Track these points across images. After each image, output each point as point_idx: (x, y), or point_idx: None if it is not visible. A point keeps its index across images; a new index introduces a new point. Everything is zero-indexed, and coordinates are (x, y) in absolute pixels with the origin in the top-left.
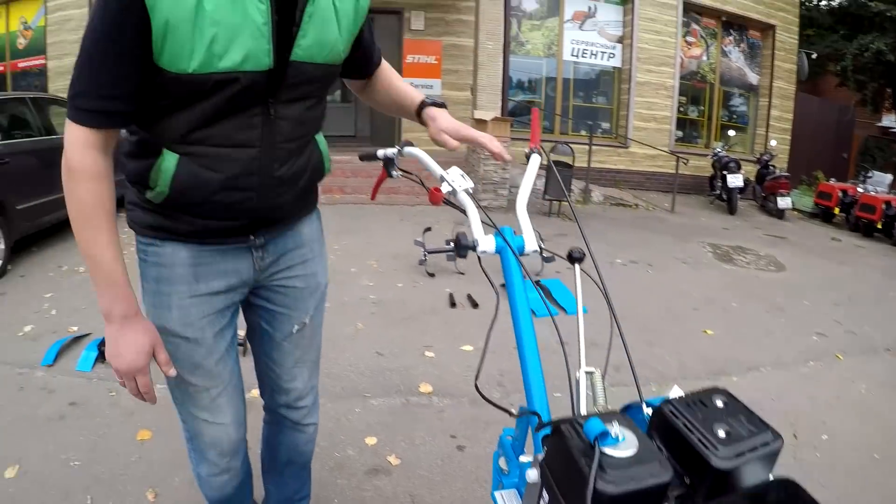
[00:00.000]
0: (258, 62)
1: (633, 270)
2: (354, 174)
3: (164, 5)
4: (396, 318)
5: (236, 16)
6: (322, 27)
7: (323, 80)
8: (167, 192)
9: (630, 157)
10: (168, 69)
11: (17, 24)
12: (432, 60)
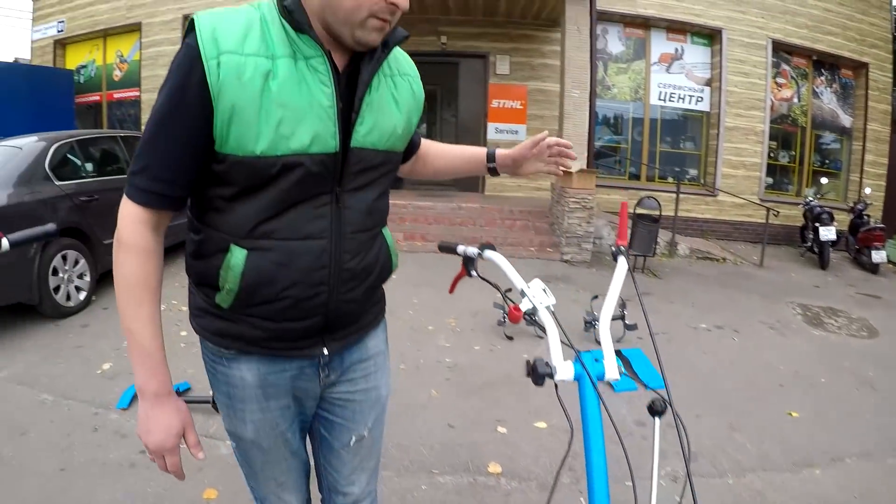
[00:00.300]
0: (325, 145)
1: (717, 338)
2: (437, 221)
3: (230, 90)
4: (471, 386)
5: (303, 98)
6: (380, 115)
7: (385, 168)
8: (237, 291)
9: (718, 206)
10: (235, 153)
11: (114, 57)
12: (517, 105)
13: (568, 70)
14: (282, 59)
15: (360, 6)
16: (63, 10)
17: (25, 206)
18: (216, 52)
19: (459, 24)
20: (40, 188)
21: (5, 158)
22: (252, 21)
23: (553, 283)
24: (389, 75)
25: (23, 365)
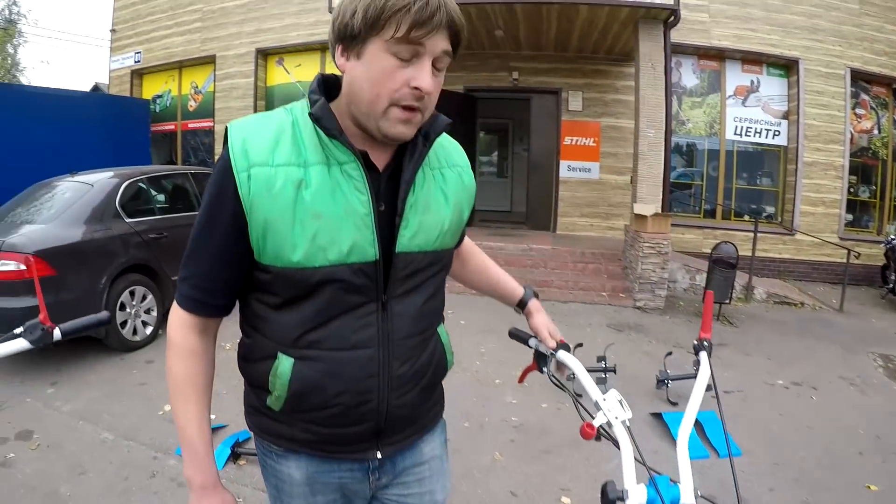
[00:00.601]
0: (364, 254)
1: (794, 396)
2: (507, 263)
3: (262, 205)
4: (536, 450)
5: (338, 206)
6: (426, 214)
7: (435, 268)
8: (285, 397)
9: (796, 246)
10: (273, 264)
11: (189, 88)
12: (590, 143)
13: (642, 108)
14: (315, 167)
15: (379, 95)
16: (140, 41)
17: (96, 242)
18: (246, 164)
19: (531, 60)
20: (111, 225)
21: (77, 195)
22: (283, 128)
23: (625, 331)
24: (437, 168)
25: (86, 400)
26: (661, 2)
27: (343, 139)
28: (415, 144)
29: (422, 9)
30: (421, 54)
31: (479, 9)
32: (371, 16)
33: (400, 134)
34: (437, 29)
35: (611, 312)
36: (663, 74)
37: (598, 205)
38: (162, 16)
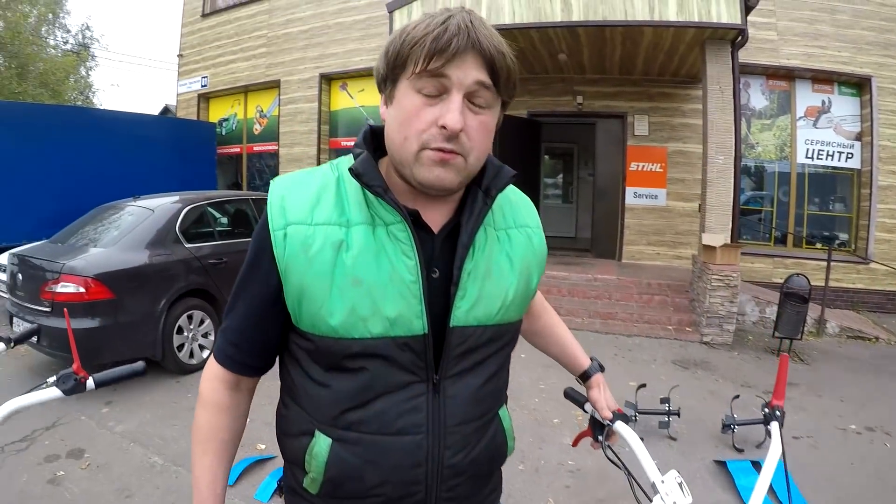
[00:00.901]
0: (409, 327)
1: (867, 443)
2: (571, 293)
3: (298, 267)
4: (593, 499)
5: (382, 272)
6: (487, 282)
7: (497, 344)
8: (321, 481)
9: (870, 275)
10: (310, 332)
11: (254, 112)
12: (657, 168)
13: (711, 134)
14: (358, 227)
15: (408, 138)
16: (207, 66)
17: (155, 267)
18: (283, 223)
19: (595, 83)
20: (170, 250)
21: (138, 219)
22: (327, 184)
23: (690, 369)
24: (503, 228)
25: (138, 422)
26: (729, 22)
27: (389, 197)
28: (474, 201)
29: (438, 36)
30: (448, 88)
31: (541, 32)
32: (391, 54)
33: (438, 179)
34: (458, 55)
35: (676, 347)
36: (732, 98)
37: (665, 233)
38: (227, 41)
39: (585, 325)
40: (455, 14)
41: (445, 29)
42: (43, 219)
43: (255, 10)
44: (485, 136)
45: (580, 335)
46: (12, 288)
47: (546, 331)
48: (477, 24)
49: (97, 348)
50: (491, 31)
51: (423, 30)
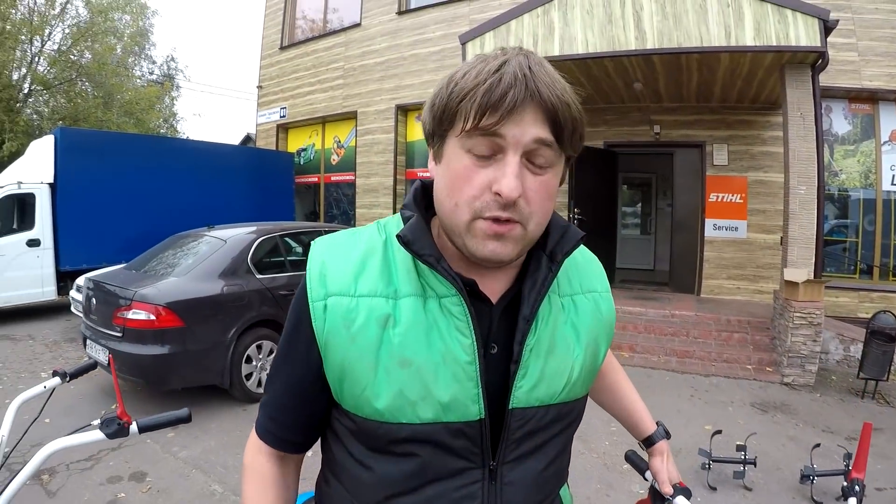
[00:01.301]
0: (464, 411)
1: None
2: (647, 329)
3: (338, 344)
4: None
5: (433, 351)
6: (551, 359)
7: (561, 424)
8: None
9: None
10: (353, 412)
11: (332, 142)
12: (737, 199)
13: (792, 163)
14: (407, 300)
15: (458, 205)
16: (285, 97)
17: (225, 297)
18: (323, 293)
19: (673, 112)
20: (242, 280)
21: (211, 249)
22: (373, 249)
23: (770, 412)
24: (568, 295)
25: (202, 448)
26: (808, 45)
27: (442, 267)
28: (538, 267)
29: (491, 88)
30: (503, 148)
31: (615, 61)
32: (438, 108)
33: (492, 254)
34: (515, 111)
35: (755, 389)
36: (813, 124)
37: (746, 266)
38: (305, 73)
39: (661, 363)
40: (510, 57)
41: (499, 78)
42: (123, 244)
43: (331, 43)
44: (546, 199)
45: (655, 374)
46: (87, 311)
47: (612, 389)
48: (536, 69)
49: (166, 375)
50: (553, 77)
51: (474, 79)
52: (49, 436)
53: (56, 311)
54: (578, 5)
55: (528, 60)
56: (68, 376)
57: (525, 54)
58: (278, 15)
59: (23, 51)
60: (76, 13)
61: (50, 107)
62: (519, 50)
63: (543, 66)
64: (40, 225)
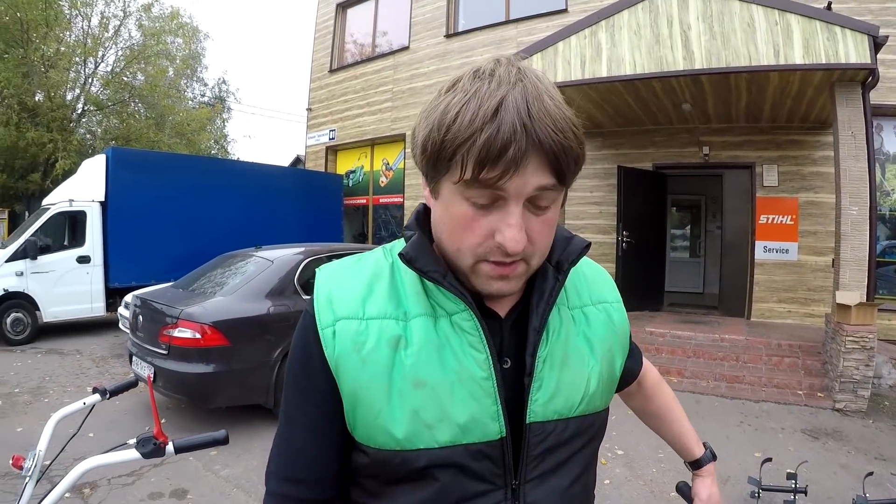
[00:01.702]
0: (484, 431)
1: None
2: (696, 354)
3: (349, 368)
4: None
5: (448, 370)
6: (565, 370)
7: (583, 439)
8: None
9: None
10: (365, 444)
11: (380, 165)
12: (788, 221)
13: (844, 183)
14: (417, 320)
15: (460, 250)
16: (334, 120)
17: (271, 317)
18: (332, 318)
19: (721, 133)
20: (288, 301)
21: (258, 269)
22: (379, 273)
23: (821, 439)
24: (578, 307)
25: (244, 467)
26: (858, 62)
27: (448, 283)
28: (545, 279)
29: (490, 140)
30: (504, 198)
31: (663, 82)
32: (431, 153)
33: (499, 292)
34: (517, 166)
35: (806, 415)
36: (864, 143)
37: (797, 289)
38: (354, 96)
39: (710, 388)
40: (506, 95)
41: (497, 129)
42: (171, 262)
43: (380, 66)
44: (549, 233)
45: (704, 400)
46: (134, 328)
47: (662, 412)
48: (536, 110)
49: (210, 393)
50: (553, 115)
51: (469, 125)
52: (91, 450)
53: (104, 328)
54: (626, 26)
55: (525, 98)
56: (108, 393)
57: (522, 86)
58: (328, 38)
59: (77, 72)
60: (129, 36)
61: (103, 127)
62: (515, 76)
63: (542, 99)
64: (91, 242)
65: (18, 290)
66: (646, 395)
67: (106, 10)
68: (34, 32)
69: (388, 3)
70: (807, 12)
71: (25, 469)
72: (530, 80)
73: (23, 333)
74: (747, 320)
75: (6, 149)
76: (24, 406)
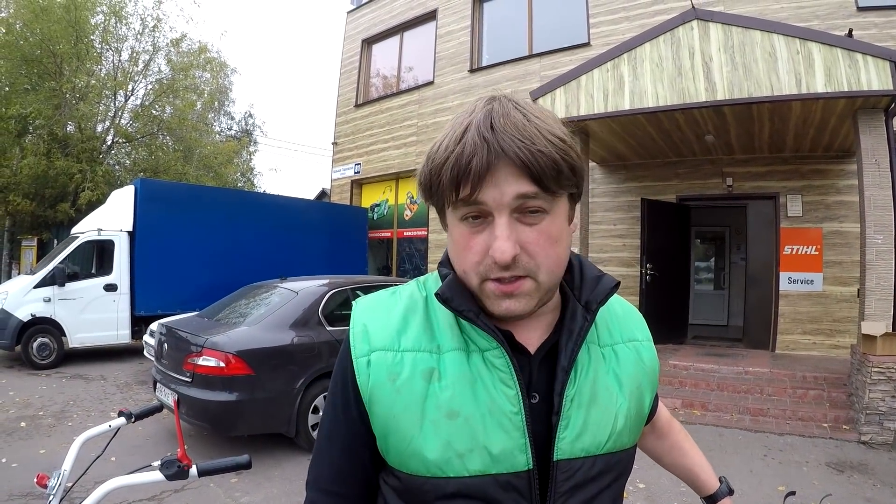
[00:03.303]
0: (512, 462)
1: None
2: (719, 387)
3: (383, 398)
4: None
5: (479, 403)
6: (593, 409)
7: (610, 476)
8: None
9: None
10: (398, 469)
11: (405, 198)
12: (812, 251)
13: (868, 212)
14: (450, 354)
15: (466, 273)
16: (359, 154)
17: (295, 348)
18: (366, 349)
19: (745, 164)
20: (312, 332)
21: (283, 300)
22: (414, 306)
23: (846, 472)
24: (608, 344)
25: (264, 495)
26: (880, 88)
27: (482, 321)
28: (574, 318)
29: (458, 160)
30: (489, 212)
31: (686, 114)
32: (425, 186)
33: (508, 311)
34: (484, 177)
35: (831, 448)
36: (889, 171)
37: (822, 320)
38: (379, 130)
39: (734, 422)
40: (473, 118)
41: (462, 148)
42: (197, 292)
43: (405, 101)
44: (550, 246)
45: (728, 433)
46: (159, 355)
47: (673, 449)
48: (500, 122)
49: (233, 421)
50: (518, 125)
51: (444, 152)
52: (113, 473)
53: (129, 354)
54: (648, 59)
55: (490, 116)
56: (133, 417)
57: (490, 107)
58: (353, 74)
59: (107, 105)
60: (158, 70)
61: (131, 158)
62: (489, 100)
63: (508, 115)
64: (118, 271)
65: (46, 315)
66: (660, 433)
67: (136, 44)
68: (66, 66)
69: (412, 39)
70: (828, 40)
71: (49, 488)
72: (500, 101)
73: (49, 358)
74: (772, 352)
75: (36, 178)
76: (47, 429)
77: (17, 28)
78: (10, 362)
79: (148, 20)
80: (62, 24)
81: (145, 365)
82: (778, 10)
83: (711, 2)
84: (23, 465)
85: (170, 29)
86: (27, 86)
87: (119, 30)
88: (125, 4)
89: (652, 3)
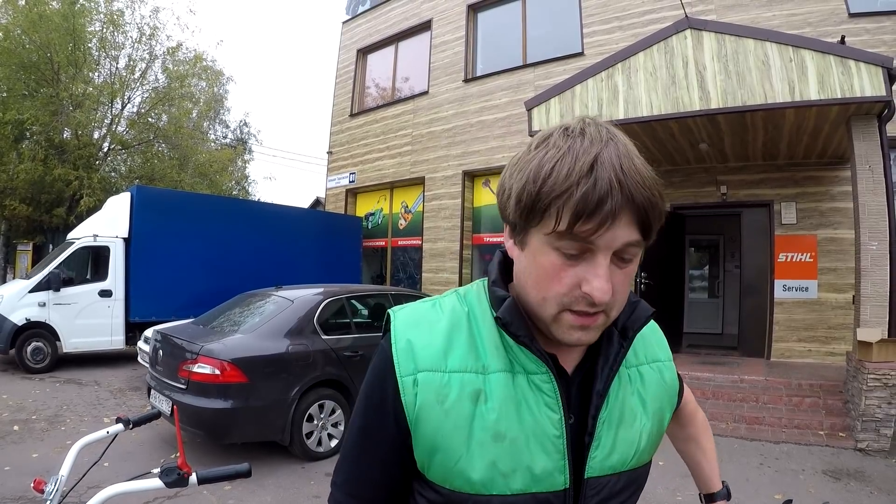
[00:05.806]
0: (552, 482)
1: None
2: (715, 395)
3: (431, 419)
4: None
5: (524, 425)
6: (621, 429)
7: (630, 490)
8: None
9: None
10: (440, 485)
11: (400, 207)
12: (807, 258)
13: (862, 218)
14: (496, 375)
15: (546, 299)
16: (354, 163)
17: (290, 356)
18: (412, 367)
19: (739, 172)
20: (307, 340)
21: (278, 309)
22: (457, 323)
23: (843, 480)
24: (635, 366)
25: (257, 503)
26: (873, 94)
27: (535, 347)
28: (610, 343)
29: (587, 194)
30: (593, 250)
31: (680, 123)
32: (525, 204)
33: (578, 341)
34: (611, 219)
35: (828, 455)
36: (883, 177)
37: (817, 328)
38: (374, 140)
39: (730, 430)
40: (601, 152)
41: (594, 183)
42: (192, 299)
43: (400, 111)
44: (628, 286)
45: (724, 441)
46: (153, 362)
47: (690, 441)
48: (628, 167)
49: (227, 429)
50: (642, 174)
51: (565, 179)
52: (107, 479)
53: (123, 360)
54: (642, 68)
55: (618, 156)
56: (131, 424)
57: (614, 145)
58: (348, 83)
59: (103, 112)
60: (155, 79)
61: (127, 166)
62: (605, 135)
63: (632, 159)
64: (113, 277)
65: (40, 319)
66: (684, 421)
67: (133, 52)
68: (63, 72)
69: (407, 49)
70: (821, 47)
71: (46, 493)
72: (620, 140)
73: (42, 362)
74: (767, 360)
75: (33, 183)
76: (40, 433)
77: (15, 35)
78: (4, 366)
79: (145, 28)
80: (60, 31)
81: (139, 371)
82: (770, 17)
83: (704, 11)
84: (15, 469)
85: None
86: (24, 92)
87: (116, 38)
88: (122, 13)
89: (645, 13)
